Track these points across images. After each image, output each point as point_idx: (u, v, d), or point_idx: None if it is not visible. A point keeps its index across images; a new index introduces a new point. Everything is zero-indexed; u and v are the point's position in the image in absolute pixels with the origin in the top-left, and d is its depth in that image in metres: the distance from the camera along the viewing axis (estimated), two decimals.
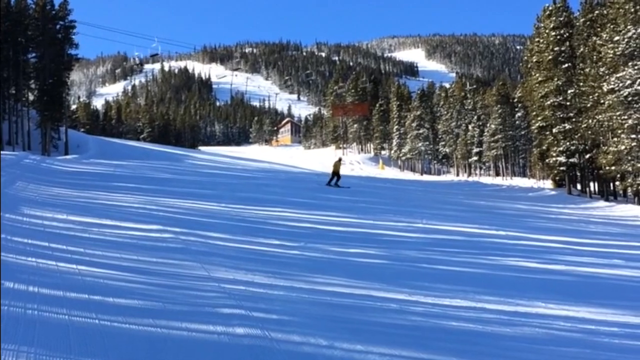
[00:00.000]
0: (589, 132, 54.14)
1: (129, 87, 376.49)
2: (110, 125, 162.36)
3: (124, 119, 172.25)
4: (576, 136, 57.46)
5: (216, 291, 10.05)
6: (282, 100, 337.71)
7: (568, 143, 58.75)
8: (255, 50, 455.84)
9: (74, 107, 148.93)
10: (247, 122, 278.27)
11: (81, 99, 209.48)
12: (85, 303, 8.46)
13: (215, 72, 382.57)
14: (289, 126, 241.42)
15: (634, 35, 45.44)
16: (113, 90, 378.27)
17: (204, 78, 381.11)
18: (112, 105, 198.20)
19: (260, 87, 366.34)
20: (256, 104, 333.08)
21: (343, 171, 44.57)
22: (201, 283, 10.64)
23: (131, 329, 7.56)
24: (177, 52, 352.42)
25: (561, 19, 60.38)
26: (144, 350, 6.85)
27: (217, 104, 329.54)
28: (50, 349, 6.46)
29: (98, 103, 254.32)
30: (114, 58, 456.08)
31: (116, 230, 15.47)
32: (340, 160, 41.90)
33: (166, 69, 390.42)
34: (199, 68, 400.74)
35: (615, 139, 48.13)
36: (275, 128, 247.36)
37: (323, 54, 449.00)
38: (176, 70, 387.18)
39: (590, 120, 52.77)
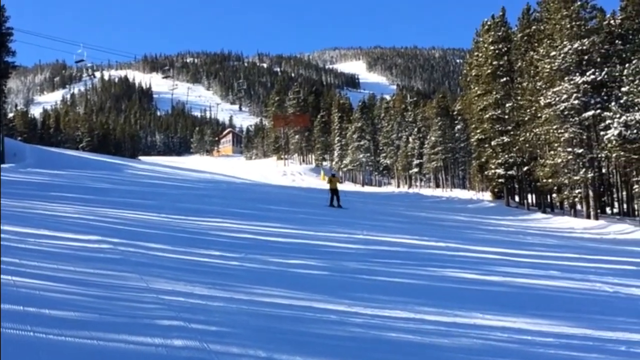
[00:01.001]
0: (527, 145, 55.04)
1: (68, 96, 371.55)
2: (49, 134, 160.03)
3: (62, 128, 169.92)
4: (514, 149, 58.33)
5: (155, 302, 9.93)
6: (223, 110, 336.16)
7: (506, 156, 59.61)
8: (196, 60, 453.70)
9: (10, 115, 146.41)
10: (188, 132, 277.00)
11: (19, 108, 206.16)
12: (20, 315, 8.29)
13: (156, 82, 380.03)
14: (230, 137, 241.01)
15: (570, 51, 46.38)
16: (51, 99, 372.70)
17: (144, 87, 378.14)
18: (51, 114, 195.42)
19: (202, 97, 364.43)
20: (197, 114, 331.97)
21: (283, 182, 44.10)
22: (139, 294, 10.51)
23: (67, 341, 7.42)
24: (118, 61, 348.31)
25: (499, 33, 61.38)
26: None
27: (158, 113, 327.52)
28: None
29: (36, 112, 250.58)
30: (52, 66, 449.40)
31: (53, 241, 15.23)
32: (334, 176, 39.39)
33: (106, 78, 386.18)
34: (140, 77, 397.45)
35: (552, 152, 49.01)
36: (217, 138, 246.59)
37: (265, 65, 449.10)
38: (116, 80, 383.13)
39: (527, 134, 53.65)
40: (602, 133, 45.85)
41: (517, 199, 66.62)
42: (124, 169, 64.98)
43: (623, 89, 43.50)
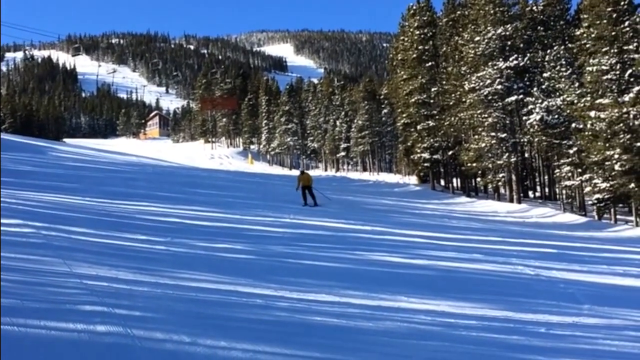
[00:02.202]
0: (452, 129, 55.61)
1: None
2: None
3: None
4: (439, 133, 58.83)
5: (78, 288, 9.81)
6: (150, 92, 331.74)
7: (432, 140, 60.08)
8: (122, 41, 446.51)
9: None
10: (114, 114, 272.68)
11: None
12: None
13: (81, 63, 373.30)
14: (157, 119, 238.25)
15: (494, 36, 46.98)
16: None
17: (68, 68, 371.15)
18: None
19: (127, 78, 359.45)
20: (123, 96, 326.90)
21: (211, 165, 43.52)
22: (62, 279, 10.37)
23: None
24: (41, 41, 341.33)
25: (425, 18, 61.70)
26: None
27: (83, 95, 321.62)
28: None
29: None
30: None
31: None
32: (303, 172, 32.43)
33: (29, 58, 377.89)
34: (64, 58, 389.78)
35: (476, 137, 49.63)
36: (143, 121, 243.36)
37: (192, 47, 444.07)
38: (39, 60, 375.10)
39: (452, 118, 54.20)
40: (524, 118, 46.60)
41: (442, 182, 67.29)
42: (48, 151, 63.71)
43: (545, 75, 44.19)
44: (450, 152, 59.21)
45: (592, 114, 36.87)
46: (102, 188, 28.31)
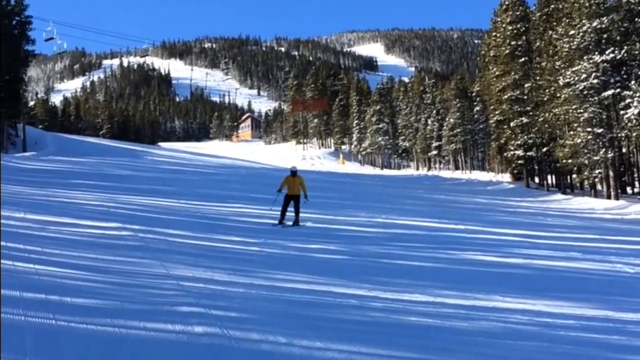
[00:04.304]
0: (546, 125, 54.66)
1: (88, 83, 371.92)
2: (69, 122, 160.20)
3: (82, 115, 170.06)
4: (533, 130, 57.99)
5: (175, 289, 9.99)
6: (242, 95, 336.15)
7: (525, 137, 59.28)
8: (214, 46, 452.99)
9: (31, 103, 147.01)
10: (207, 117, 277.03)
11: (39, 95, 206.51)
12: (42, 303, 8.35)
13: (175, 68, 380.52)
14: (249, 121, 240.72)
15: (589, 29, 45.90)
16: (71, 87, 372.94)
17: (163, 74, 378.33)
18: (71, 102, 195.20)
19: (220, 82, 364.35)
20: (216, 99, 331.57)
21: (303, 166, 43.43)
22: (160, 281, 10.57)
23: (88, 329, 7.48)
24: (136, 48, 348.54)
25: (517, 13, 60.91)
26: (101, 350, 6.79)
27: (177, 99, 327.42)
28: (5, 350, 6.38)
29: (56, 99, 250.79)
30: (72, 54, 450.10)
31: (74, 229, 15.33)
32: (295, 174, 21.86)
33: (125, 64, 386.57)
34: (158, 63, 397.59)
35: (572, 132, 48.65)
36: (236, 123, 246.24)
37: (283, 49, 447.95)
38: (135, 66, 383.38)
39: (547, 114, 53.26)
40: (622, 112, 45.41)
41: (536, 180, 66.24)
42: (144, 156, 65.20)
43: None
44: (544, 149, 58.28)
45: None
46: (197, 190, 28.79)
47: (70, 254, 12.15)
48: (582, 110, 46.30)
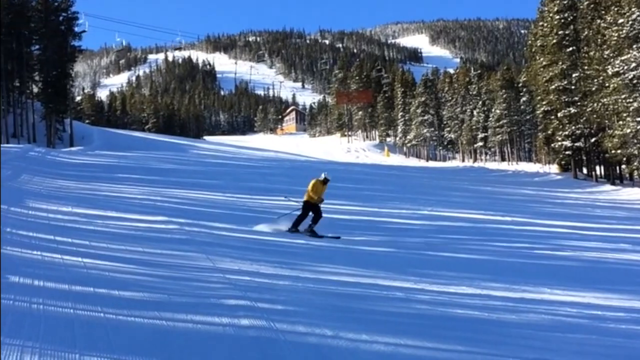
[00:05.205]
0: (594, 115, 53.96)
1: (133, 78, 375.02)
2: (115, 116, 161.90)
3: (128, 110, 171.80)
4: (581, 120, 57.33)
5: (221, 282, 10.02)
6: (286, 88, 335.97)
7: (573, 127, 58.65)
8: (258, 39, 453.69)
9: (78, 98, 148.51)
10: (252, 111, 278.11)
11: (85, 91, 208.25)
12: (91, 296, 8.43)
13: (219, 62, 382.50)
14: (293, 114, 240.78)
15: (639, 17, 45.17)
16: (117, 81, 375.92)
17: (208, 68, 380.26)
18: (117, 96, 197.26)
19: (264, 75, 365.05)
20: (260, 92, 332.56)
21: (347, 159, 43.27)
22: (206, 274, 10.62)
23: (136, 321, 7.53)
24: (181, 42, 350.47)
25: (565, 2, 60.15)
26: (149, 343, 6.82)
27: (222, 93, 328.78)
28: (55, 343, 6.44)
29: (102, 94, 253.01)
30: (118, 49, 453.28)
31: (121, 222, 15.48)
32: (325, 182, 17.97)
33: (170, 59, 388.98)
34: (203, 57, 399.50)
35: (621, 122, 47.95)
36: (280, 116, 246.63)
37: (327, 42, 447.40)
38: (180, 60, 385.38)
39: (595, 104, 52.57)
40: None
41: (584, 171, 65.48)
42: (189, 149, 65.59)
43: None
44: (592, 140, 57.56)
45: None
46: (242, 184, 28.92)
47: (117, 247, 12.25)
48: (631, 100, 45.60)
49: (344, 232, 16.50)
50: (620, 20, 46.73)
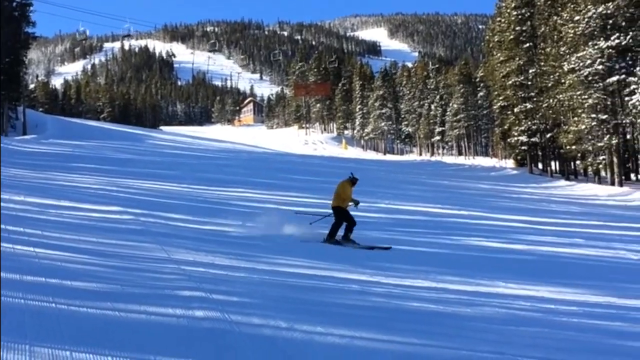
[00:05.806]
0: (550, 111, 54.54)
1: (89, 66, 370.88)
2: (70, 105, 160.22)
3: (83, 99, 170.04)
4: (537, 115, 57.88)
5: (176, 273, 9.93)
6: (244, 79, 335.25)
7: (529, 122, 59.20)
8: (216, 29, 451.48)
9: (32, 86, 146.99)
10: (209, 101, 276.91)
11: (39, 78, 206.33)
12: (42, 286, 8.30)
13: (177, 51, 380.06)
14: (251, 106, 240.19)
15: (594, 15, 45.63)
16: (72, 69, 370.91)
17: (165, 57, 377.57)
18: (72, 85, 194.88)
19: (222, 66, 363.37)
20: (218, 83, 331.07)
21: (305, 151, 43.39)
22: (161, 265, 10.52)
23: (88, 312, 7.42)
24: (137, 31, 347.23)
25: None
26: (101, 334, 6.71)
27: (179, 83, 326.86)
28: (4, 334, 6.29)
29: (57, 82, 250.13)
30: (72, 36, 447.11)
31: (74, 212, 15.29)
32: (354, 182, 17.04)
33: (126, 47, 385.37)
34: (160, 47, 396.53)
35: (576, 119, 48.49)
36: (238, 108, 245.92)
37: (285, 33, 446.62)
38: (136, 49, 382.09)
39: (551, 100, 53.14)
40: (626, 99, 45.14)
41: (540, 166, 66.16)
42: (145, 140, 65.17)
43: None
44: (548, 135, 58.19)
45: None
46: (199, 175, 28.76)
47: (71, 237, 12.10)
48: (586, 97, 46.11)
49: (302, 224, 16.44)
50: (577, 18, 47.20)
